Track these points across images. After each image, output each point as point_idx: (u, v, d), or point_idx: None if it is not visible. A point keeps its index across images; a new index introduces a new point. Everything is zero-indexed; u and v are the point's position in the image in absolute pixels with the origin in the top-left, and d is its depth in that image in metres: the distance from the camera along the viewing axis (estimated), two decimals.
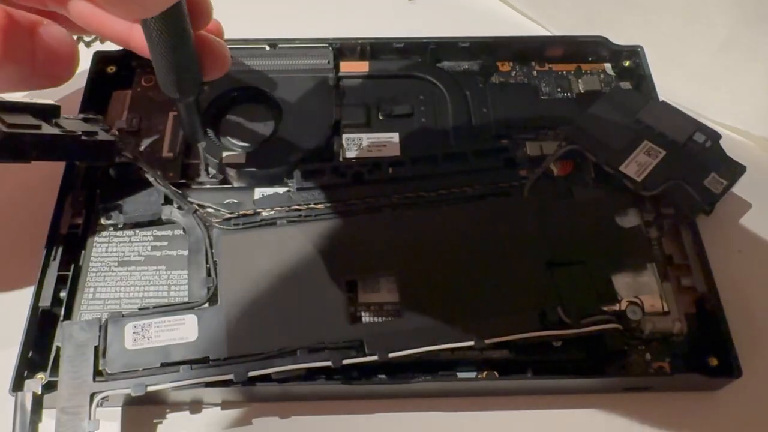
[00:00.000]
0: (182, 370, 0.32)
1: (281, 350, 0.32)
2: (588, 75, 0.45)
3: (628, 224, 0.38)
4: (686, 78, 0.46)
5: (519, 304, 0.34)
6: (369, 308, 0.35)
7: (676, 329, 0.35)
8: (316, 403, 0.35)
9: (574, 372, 0.34)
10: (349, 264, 0.35)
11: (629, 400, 0.35)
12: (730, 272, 0.39)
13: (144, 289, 0.36)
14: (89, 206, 0.38)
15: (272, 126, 0.40)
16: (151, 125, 0.41)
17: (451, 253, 0.35)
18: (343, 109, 0.43)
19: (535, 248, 0.36)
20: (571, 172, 0.40)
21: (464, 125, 0.42)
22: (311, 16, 0.50)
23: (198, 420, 0.34)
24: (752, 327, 0.37)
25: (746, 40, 0.42)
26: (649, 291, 0.36)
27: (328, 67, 0.43)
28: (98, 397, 0.31)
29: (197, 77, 0.31)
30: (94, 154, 0.36)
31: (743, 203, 0.42)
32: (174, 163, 0.40)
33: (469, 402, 0.35)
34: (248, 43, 0.44)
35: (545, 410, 0.35)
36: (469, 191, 0.38)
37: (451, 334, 0.33)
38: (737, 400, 0.35)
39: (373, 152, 0.41)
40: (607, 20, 0.48)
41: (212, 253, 0.36)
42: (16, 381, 0.32)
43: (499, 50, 0.45)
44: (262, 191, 0.39)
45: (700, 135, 0.39)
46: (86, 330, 0.32)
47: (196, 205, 0.37)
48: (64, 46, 0.31)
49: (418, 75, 0.44)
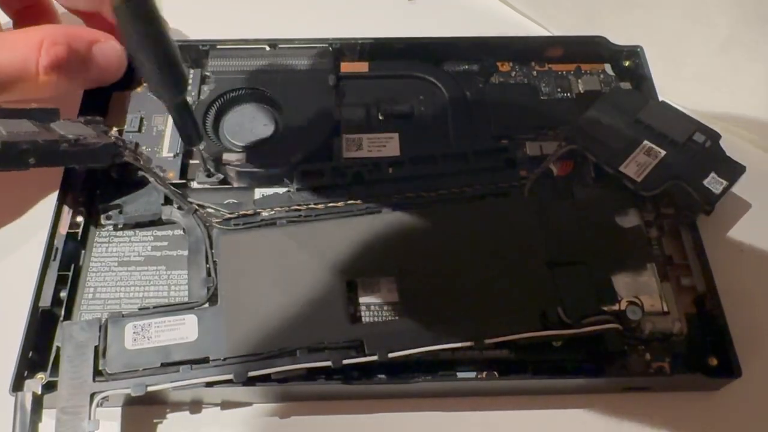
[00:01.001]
0: (182, 370, 0.32)
1: (281, 350, 0.32)
2: (588, 75, 0.45)
3: (628, 224, 0.38)
4: (686, 78, 0.46)
5: (519, 304, 0.34)
6: (369, 308, 0.35)
7: (675, 329, 0.35)
8: (316, 403, 0.35)
9: (574, 372, 0.34)
10: (349, 264, 0.35)
11: (629, 400, 0.35)
12: (730, 272, 0.39)
13: (144, 289, 0.36)
14: (89, 206, 0.38)
15: (272, 126, 0.40)
16: (151, 125, 0.41)
17: (451, 253, 0.35)
18: (343, 109, 0.43)
19: (535, 248, 0.36)
20: (571, 172, 0.40)
21: (464, 125, 0.42)
22: (311, 16, 0.50)
23: (198, 420, 0.34)
24: (752, 327, 0.37)
25: (746, 40, 0.42)
26: (649, 291, 0.36)
27: (328, 67, 0.43)
28: (98, 397, 0.31)
29: (180, 78, 0.31)
30: (93, 157, 0.36)
31: (743, 203, 0.42)
32: (174, 163, 0.40)
33: (469, 402, 0.35)
34: (248, 43, 0.43)
35: (545, 410, 0.35)
36: (469, 191, 0.38)
37: (451, 334, 0.33)
38: (737, 400, 0.35)
39: (373, 152, 0.41)
40: (607, 20, 0.48)
41: (212, 253, 0.36)
42: (16, 381, 0.32)
43: (499, 50, 0.45)
44: (262, 191, 0.39)
45: (700, 135, 0.39)
46: (86, 330, 0.32)
47: (196, 205, 0.37)
48: (115, 61, 0.38)
49: (418, 75, 0.44)
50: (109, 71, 0.38)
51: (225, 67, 0.42)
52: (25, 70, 0.34)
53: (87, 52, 0.36)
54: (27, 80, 0.34)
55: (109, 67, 0.37)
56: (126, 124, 0.41)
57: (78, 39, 0.35)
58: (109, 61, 0.37)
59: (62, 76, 0.35)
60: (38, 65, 0.34)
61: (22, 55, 0.34)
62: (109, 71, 0.38)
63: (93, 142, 0.35)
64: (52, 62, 0.34)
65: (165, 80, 0.31)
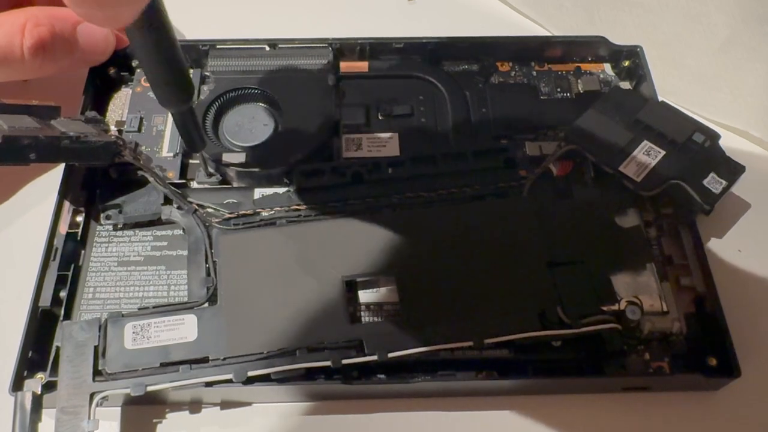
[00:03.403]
0: (182, 370, 0.32)
1: (281, 350, 0.32)
2: (588, 75, 0.45)
3: (627, 224, 0.38)
4: (686, 78, 0.46)
5: (519, 304, 0.34)
6: (369, 308, 0.35)
7: (675, 329, 0.35)
8: (316, 403, 0.35)
9: (573, 372, 0.34)
10: (349, 264, 0.35)
11: (628, 400, 0.35)
12: (729, 272, 0.39)
13: (144, 289, 0.36)
14: (89, 206, 0.38)
15: (272, 126, 0.40)
16: (151, 125, 0.41)
17: (450, 253, 0.35)
18: (342, 109, 0.43)
19: (535, 248, 0.36)
20: (570, 172, 0.40)
21: (464, 125, 0.42)
22: (311, 16, 0.50)
23: (198, 420, 0.34)
24: (752, 327, 0.37)
25: (746, 40, 0.42)
26: (649, 291, 0.36)
27: (328, 67, 0.42)
28: (98, 396, 0.31)
29: (186, 88, 0.31)
30: (93, 155, 0.36)
31: (743, 203, 0.42)
32: (173, 162, 0.40)
33: (469, 402, 0.35)
34: (248, 43, 0.43)
35: (545, 410, 0.35)
36: (469, 191, 0.38)
37: (451, 334, 0.33)
38: (737, 400, 0.35)
39: (372, 152, 0.41)
40: (607, 20, 0.48)
41: (212, 253, 0.36)
42: (16, 381, 0.32)
43: (499, 50, 0.45)
44: (262, 191, 0.39)
45: (700, 135, 0.39)
46: (86, 330, 0.32)
47: (195, 205, 0.37)
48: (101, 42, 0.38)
49: (418, 75, 0.44)
50: (95, 52, 0.38)
51: (225, 67, 0.42)
52: (10, 52, 0.34)
53: (71, 34, 0.36)
54: (12, 62, 0.34)
55: (94, 48, 0.38)
56: (126, 124, 0.41)
57: (61, 20, 0.35)
58: (94, 42, 0.37)
59: (47, 58, 0.35)
60: (22, 47, 0.34)
61: (6, 37, 0.34)
62: (95, 52, 0.38)
63: (94, 140, 0.35)
64: (36, 44, 0.34)
65: (172, 90, 0.30)
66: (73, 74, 0.41)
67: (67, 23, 0.36)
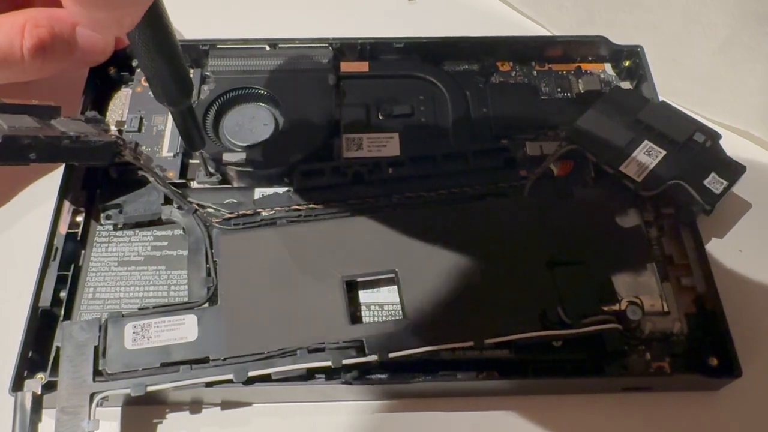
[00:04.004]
0: (182, 370, 0.32)
1: (281, 350, 0.32)
2: (588, 75, 0.45)
3: (628, 224, 0.38)
4: (686, 78, 0.46)
5: (519, 304, 0.34)
6: (369, 308, 0.35)
7: (676, 329, 0.35)
8: (315, 404, 0.35)
9: (574, 372, 0.34)
10: (349, 264, 0.35)
11: (629, 400, 0.35)
12: (730, 272, 0.39)
13: (144, 289, 0.36)
14: (89, 206, 0.38)
15: (272, 126, 0.40)
16: (151, 125, 0.41)
17: (450, 253, 0.35)
18: (343, 109, 0.43)
19: (535, 248, 0.36)
20: (571, 172, 0.40)
21: (464, 125, 0.42)
22: (311, 16, 0.50)
23: (198, 420, 0.34)
24: (752, 327, 0.37)
25: (746, 40, 0.42)
26: (649, 291, 0.36)
27: (328, 67, 0.42)
28: (98, 397, 0.31)
29: (186, 86, 0.31)
30: (93, 155, 0.36)
31: (743, 203, 0.42)
32: (174, 162, 0.40)
33: (469, 402, 0.35)
34: (248, 43, 0.43)
35: (545, 410, 0.35)
36: (469, 191, 0.38)
37: (451, 334, 0.33)
38: (737, 400, 0.35)
39: (373, 152, 0.41)
40: (607, 20, 0.48)
41: (212, 253, 0.36)
42: (16, 381, 0.32)
43: (499, 50, 0.45)
44: (262, 191, 0.39)
45: (700, 135, 0.39)
46: (86, 330, 0.32)
47: (196, 205, 0.37)
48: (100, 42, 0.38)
49: (418, 75, 0.44)
50: (94, 52, 0.38)
51: (225, 67, 0.42)
52: (10, 53, 0.34)
53: (70, 35, 0.36)
54: (12, 63, 0.34)
55: (93, 48, 0.38)
56: (126, 123, 0.41)
57: (61, 21, 0.35)
58: (93, 43, 0.37)
59: (47, 59, 0.35)
60: (22, 48, 0.34)
61: (6, 39, 0.34)
62: (94, 52, 0.38)
63: (94, 140, 0.35)
64: (35, 45, 0.34)
65: (172, 88, 0.30)
66: (73, 74, 0.41)
67: (66, 24, 0.36)
